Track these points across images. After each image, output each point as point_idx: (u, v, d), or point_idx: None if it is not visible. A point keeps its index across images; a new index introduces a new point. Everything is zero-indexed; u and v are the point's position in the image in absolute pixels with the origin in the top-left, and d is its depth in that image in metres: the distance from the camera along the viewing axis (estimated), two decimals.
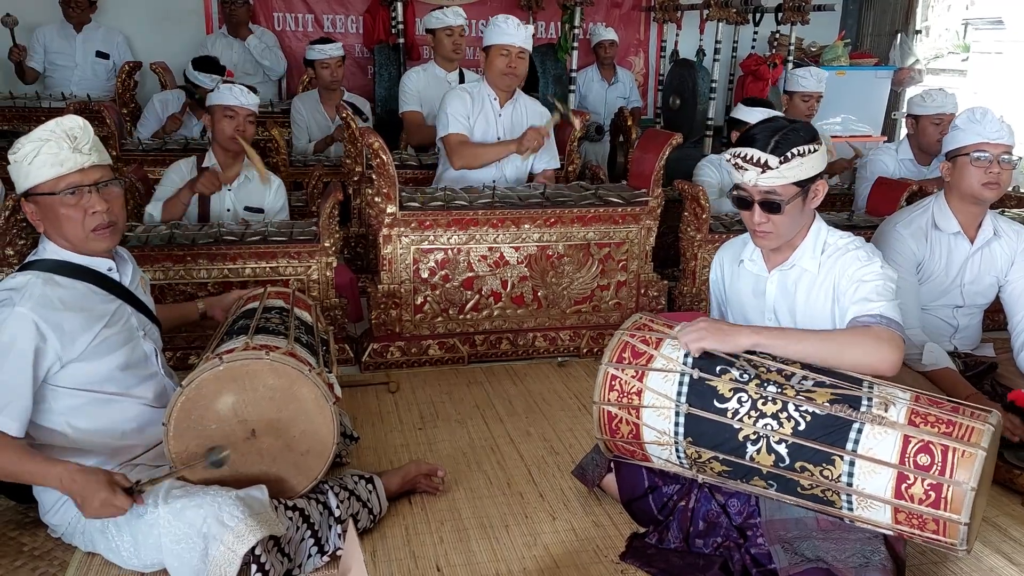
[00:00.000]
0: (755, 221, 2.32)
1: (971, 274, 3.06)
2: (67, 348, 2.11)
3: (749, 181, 2.26)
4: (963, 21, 7.41)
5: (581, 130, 4.58)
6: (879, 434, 1.97)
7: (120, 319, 2.27)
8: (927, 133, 4.19)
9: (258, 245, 3.38)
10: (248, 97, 3.65)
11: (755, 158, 2.23)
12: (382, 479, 2.45)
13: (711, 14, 6.03)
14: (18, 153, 2.13)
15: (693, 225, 3.82)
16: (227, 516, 1.96)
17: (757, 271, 2.51)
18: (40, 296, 2.09)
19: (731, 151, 2.30)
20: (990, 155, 2.85)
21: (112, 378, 2.22)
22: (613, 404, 2.26)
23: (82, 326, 2.15)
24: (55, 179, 2.12)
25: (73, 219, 2.16)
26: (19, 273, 2.18)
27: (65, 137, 2.12)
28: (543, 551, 2.35)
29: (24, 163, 2.12)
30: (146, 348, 2.36)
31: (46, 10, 6.06)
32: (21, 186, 2.16)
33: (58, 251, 2.22)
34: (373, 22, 6.42)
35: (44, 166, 2.11)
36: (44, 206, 2.16)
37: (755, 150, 2.24)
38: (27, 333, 2.05)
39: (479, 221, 3.56)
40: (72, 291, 2.18)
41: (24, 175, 2.14)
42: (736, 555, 2.21)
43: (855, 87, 6.84)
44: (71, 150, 2.12)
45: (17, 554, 2.25)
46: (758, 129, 2.28)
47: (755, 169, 2.24)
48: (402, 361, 3.61)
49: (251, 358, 2.13)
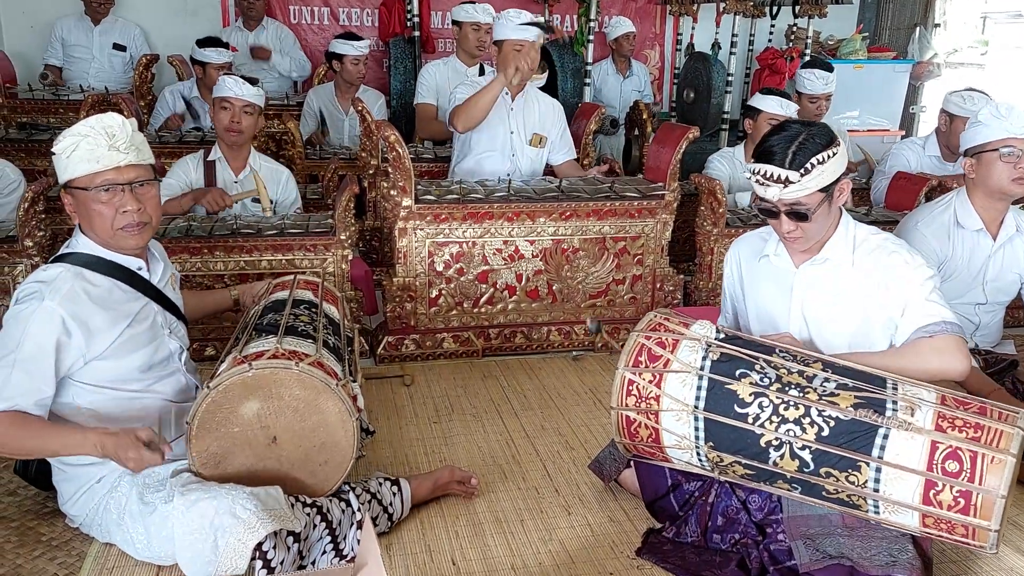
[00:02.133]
0: (784, 230, 2.30)
1: (993, 271, 3.02)
2: (92, 345, 2.13)
3: (772, 197, 2.24)
4: (981, 15, 7.34)
5: (596, 123, 4.57)
6: (906, 440, 1.94)
7: (146, 318, 2.29)
8: (958, 134, 4.15)
9: (274, 238, 3.39)
10: (243, 88, 3.57)
11: (775, 175, 2.20)
12: (411, 483, 2.44)
13: (727, 7, 5.98)
14: (59, 146, 2.16)
15: (709, 219, 3.80)
16: (240, 508, 1.96)
17: (783, 266, 2.45)
18: (69, 291, 2.11)
19: (751, 167, 2.28)
20: (1018, 150, 2.81)
21: (134, 376, 2.24)
22: (631, 409, 2.24)
23: (108, 323, 2.16)
24: (90, 175, 2.15)
25: (104, 215, 2.18)
26: (50, 265, 2.20)
27: (104, 134, 2.14)
28: (558, 546, 2.34)
29: (63, 156, 2.15)
30: (171, 346, 2.37)
31: (61, 4, 6.10)
32: (61, 178, 2.20)
33: (91, 245, 2.24)
34: (388, 15, 6.41)
35: (81, 161, 2.14)
36: (79, 200, 2.20)
37: (774, 167, 2.20)
38: (53, 328, 2.07)
39: (494, 214, 3.55)
40: (101, 287, 2.19)
41: (63, 167, 2.17)
42: (754, 552, 2.19)
43: (873, 81, 6.79)
44: (108, 148, 2.14)
45: (36, 544, 2.27)
46: (774, 142, 2.23)
47: (777, 186, 2.21)
48: (417, 354, 3.61)
49: (280, 367, 2.13)
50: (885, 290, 2.27)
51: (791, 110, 4.05)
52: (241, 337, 2.38)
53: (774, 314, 2.48)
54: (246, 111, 3.60)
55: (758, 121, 4.10)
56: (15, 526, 2.34)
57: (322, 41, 6.43)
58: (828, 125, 2.33)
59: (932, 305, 2.22)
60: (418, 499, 2.45)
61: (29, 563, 2.19)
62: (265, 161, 3.83)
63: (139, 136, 2.23)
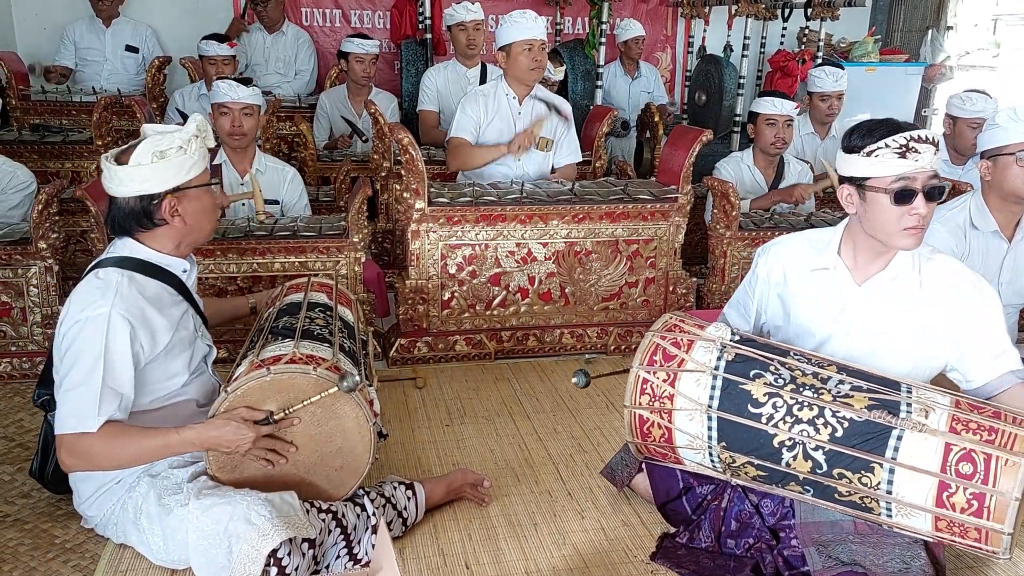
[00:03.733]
0: (921, 214, 2.08)
1: (1009, 272, 3.00)
2: (151, 346, 2.15)
3: (925, 166, 2.04)
4: (993, 17, 7.30)
5: (608, 126, 4.55)
6: (920, 441, 1.93)
7: (188, 321, 2.31)
8: (964, 136, 4.14)
9: (287, 240, 3.39)
10: (239, 90, 3.57)
11: (928, 137, 2.02)
12: (425, 487, 2.43)
13: (739, 9, 5.97)
14: (170, 148, 2.14)
15: (723, 222, 3.79)
16: (254, 515, 1.96)
17: (842, 282, 2.26)
18: (128, 296, 2.12)
19: (891, 139, 2.04)
20: None
21: (179, 377, 2.26)
22: (644, 408, 2.23)
23: (163, 326, 2.19)
24: (204, 172, 2.24)
25: (216, 211, 2.30)
26: (103, 270, 2.18)
27: (204, 137, 2.22)
28: (572, 550, 2.34)
29: (178, 156, 2.16)
30: (203, 348, 2.40)
31: (74, 7, 6.12)
32: (170, 181, 2.17)
33: (137, 249, 2.23)
34: (400, 17, 6.41)
35: (197, 159, 2.20)
36: (194, 199, 2.23)
37: (920, 130, 2.02)
38: (125, 333, 2.07)
39: (507, 217, 3.55)
40: (152, 291, 2.21)
41: (178, 168, 2.17)
42: (768, 557, 2.18)
43: (885, 84, 6.76)
44: (204, 149, 2.23)
45: (50, 546, 2.27)
46: (884, 120, 2.08)
47: (930, 148, 2.03)
48: (429, 357, 3.61)
49: (298, 372, 2.13)
50: (960, 326, 2.18)
51: (786, 107, 4.06)
52: (256, 340, 2.38)
53: (826, 336, 2.30)
54: (245, 113, 3.60)
55: (757, 124, 4.12)
56: (29, 528, 2.34)
57: (334, 43, 6.43)
58: None
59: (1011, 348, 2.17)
60: (432, 503, 2.45)
61: (43, 565, 2.19)
62: (271, 162, 3.83)
63: None
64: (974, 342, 2.18)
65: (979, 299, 2.19)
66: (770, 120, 4.05)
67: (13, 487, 2.56)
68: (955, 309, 2.18)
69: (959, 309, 2.18)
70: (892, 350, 2.23)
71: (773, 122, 4.06)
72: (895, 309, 2.22)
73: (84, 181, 4.42)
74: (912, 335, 2.22)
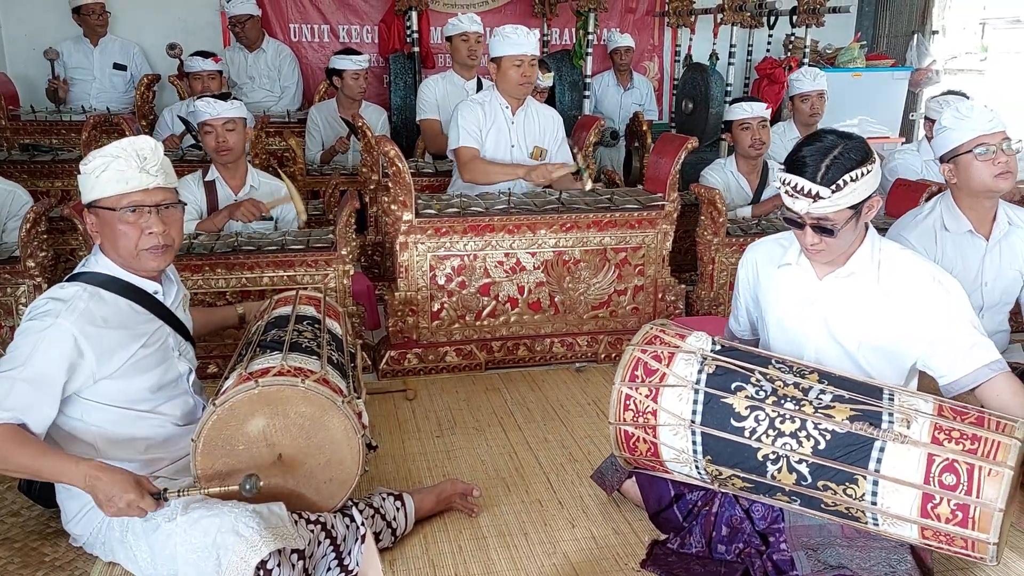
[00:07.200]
0: (808, 243, 2.21)
1: (991, 272, 2.94)
2: (102, 366, 2.14)
3: (800, 210, 2.14)
4: (980, 21, 7.35)
5: (596, 135, 4.58)
6: (902, 453, 1.93)
7: (158, 340, 2.30)
8: None
9: (276, 254, 3.39)
10: (217, 106, 3.55)
11: (805, 189, 2.11)
12: (415, 498, 2.43)
13: (725, 18, 6.01)
14: (88, 165, 2.17)
15: (710, 229, 3.80)
16: (242, 527, 1.95)
17: (805, 277, 2.35)
18: (84, 311, 2.12)
19: (781, 177, 2.17)
20: (992, 146, 2.74)
21: (143, 397, 2.25)
22: (629, 424, 2.24)
23: (120, 344, 2.17)
24: (119, 195, 2.17)
25: (129, 236, 2.20)
26: (67, 284, 2.21)
27: (135, 156, 2.16)
28: (563, 559, 2.33)
29: (92, 175, 2.16)
30: (180, 368, 2.38)
31: (63, 27, 6.13)
32: (87, 197, 2.21)
33: (109, 266, 2.25)
34: (388, 31, 6.44)
35: (111, 181, 2.15)
36: (104, 219, 2.20)
37: (805, 181, 2.10)
38: (65, 347, 2.07)
39: (495, 227, 3.56)
40: (115, 308, 2.20)
41: (90, 187, 2.18)
42: (757, 561, 2.19)
43: (872, 89, 6.80)
44: (138, 169, 2.16)
45: (39, 564, 2.26)
46: (807, 153, 2.13)
47: (806, 200, 2.11)
48: (419, 368, 3.61)
49: (286, 384, 2.14)
50: (923, 321, 2.19)
51: (757, 109, 4.13)
52: (245, 353, 2.39)
53: (797, 328, 2.38)
54: (228, 128, 3.58)
55: (734, 131, 4.20)
56: (18, 547, 2.34)
57: (322, 59, 6.44)
58: (864, 139, 2.21)
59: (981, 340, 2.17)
60: (422, 513, 2.45)
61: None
62: (264, 177, 3.83)
63: (167, 160, 2.26)
64: (942, 338, 2.19)
65: (941, 294, 2.20)
66: (744, 124, 4.13)
67: (3, 506, 2.55)
68: (917, 306, 2.21)
69: (921, 306, 2.20)
70: (863, 345, 2.28)
71: (747, 126, 4.13)
72: (857, 305, 2.27)
73: (74, 199, 4.42)
74: (879, 330, 2.25)
